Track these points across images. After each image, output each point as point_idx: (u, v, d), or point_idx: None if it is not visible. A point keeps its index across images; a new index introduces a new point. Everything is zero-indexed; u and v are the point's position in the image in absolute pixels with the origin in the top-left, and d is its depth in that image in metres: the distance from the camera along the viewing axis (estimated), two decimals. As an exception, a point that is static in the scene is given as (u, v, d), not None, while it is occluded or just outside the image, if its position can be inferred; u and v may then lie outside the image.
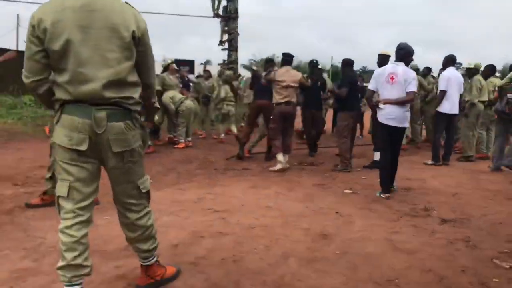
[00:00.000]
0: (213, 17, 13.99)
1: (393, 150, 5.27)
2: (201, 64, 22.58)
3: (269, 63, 8.43)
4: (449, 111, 7.37)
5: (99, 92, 2.07)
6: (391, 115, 5.09)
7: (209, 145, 9.69)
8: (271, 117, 7.00)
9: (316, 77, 7.51)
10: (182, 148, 8.84)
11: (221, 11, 13.66)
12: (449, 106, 7.37)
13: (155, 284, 2.55)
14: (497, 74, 9.66)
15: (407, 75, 5.07)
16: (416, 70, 9.21)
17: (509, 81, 6.74)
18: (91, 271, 2.26)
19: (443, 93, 7.26)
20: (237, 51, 13.75)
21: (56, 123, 2.16)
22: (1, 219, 3.92)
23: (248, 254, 3.16)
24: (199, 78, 11.67)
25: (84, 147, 2.09)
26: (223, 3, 13.77)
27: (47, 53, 2.06)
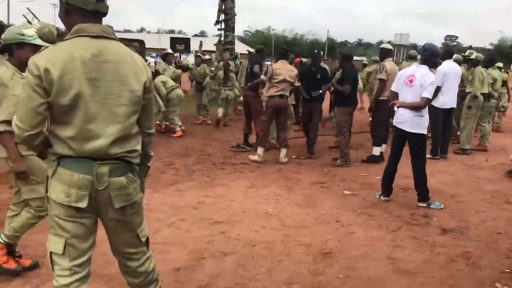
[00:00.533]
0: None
1: (398, 154, 5.13)
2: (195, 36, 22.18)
3: (260, 53, 8.30)
4: (445, 105, 7.33)
5: (105, 149, 1.96)
6: (400, 118, 4.98)
7: (206, 132, 9.60)
8: (259, 109, 7.30)
9: (316, 68, 7.37)
10: (179, 136, 8.76)
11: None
12: (446, 100, 7.32)
13: None
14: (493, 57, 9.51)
15: (424, 80, 4.82)
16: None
17: None
18: None
19: (438, 88, 7.16)
20: (234, 32, 13.49)
21: (51, 176, 2.01)
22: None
23: (251, 281, 3.15)
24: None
25: (83, 204, 1.96)
26: None
27: (50, 104, 1.90)
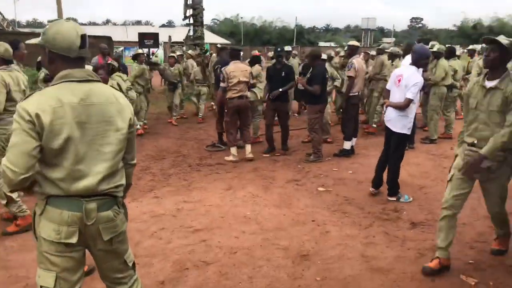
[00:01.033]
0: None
1: (387, 151, 5.34)
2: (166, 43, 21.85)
3: (223, 50, 8.33)
4: None
5: (94, 187, 2.05)
6: (388, 117, 5.22)
7: (180, 132, 9.65)
8: (225, 110, 7.46)
9: (280, 65, 7.46)
10: (140, 134, 8.85)
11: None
12: None
13: None
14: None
15: (409, 81, 4.95)
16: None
17: None
18: None
19: None
20: (203, 26, 13.42)
21: (39, 214, 2.08)
22: (-20, 253, 3.89)
23: (233, 289, 3.30)
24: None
25: (74, 240, 2.05)
26: None
27: (42, 147, 1.97)
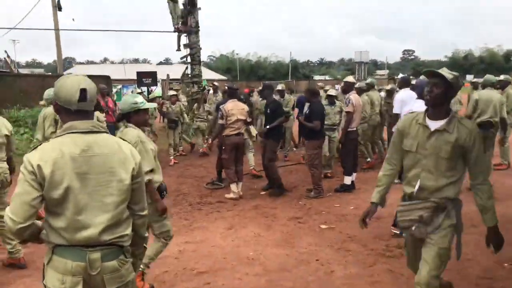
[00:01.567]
0: (174, 31, 13.84)
1: None
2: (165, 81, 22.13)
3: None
4: None
5: (96, 238, 2.06)
6: None
7: (180, 169, 9.67)
8: (223, 147, 7.50)
9: (268, 101, 7.59)
10: None
11: (179, 24, 13.49)
12: None
13: None
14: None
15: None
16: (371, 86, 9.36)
17: None
18: None
19: (397, 116, 7.43)
20: (200, 65, 13.69)
21: (46, 263, 2.11)
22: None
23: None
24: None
25: None
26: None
27: (43, 197, 2.02)
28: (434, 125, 2.82)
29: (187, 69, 14.67)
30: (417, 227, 2.86)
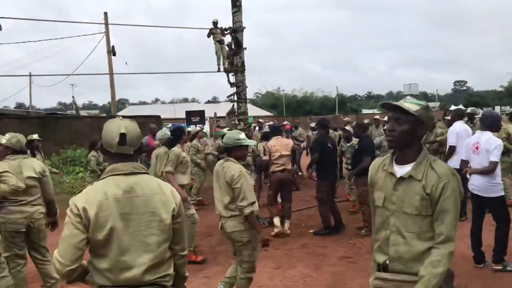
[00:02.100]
0: (218, 71, 14.21)
1: (480, 220, 5.21)
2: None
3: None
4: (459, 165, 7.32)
5: (139, 278, 2.07)
6: (474, 185, 5.10)
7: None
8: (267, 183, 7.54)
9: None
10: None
11: (226, 64, 13.85)
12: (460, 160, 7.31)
13: None
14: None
15: (489, 144, 4.94)
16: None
17: None
18: None
19: (453, 148, 7.18)
20: (246, 103, 13.86)
21: None
22: None
23: None
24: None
25: None
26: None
27: (88, 239, 2.06)
28: (400, 172, 2.22)
29: (233, 107, 14.92)
30: None
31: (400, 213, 2.19)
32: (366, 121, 9.61)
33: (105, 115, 36.98)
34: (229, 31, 13.27)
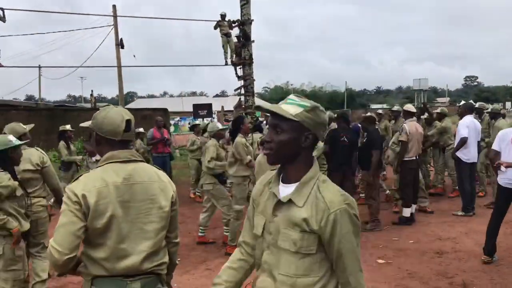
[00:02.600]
0: (225, 64, 14.18)
1: (504, 212, 5.10)
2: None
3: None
4: (470, 159, 7.28)
5: (138, 266, 2.04)
6: (508, 178, 4.92)
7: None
8: None
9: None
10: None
11: (234, 57, 13.80)
12: (471, 154, 7.29)
13: None
14: None
15: None
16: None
17: None
18: None
19: (465, 140, 7.13)
20: (254, 96, 13.80)
21: None
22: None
23: None
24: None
25: None
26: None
27: (86, 228, 2.00)
28: (283, 192, 1.70)
29: (240, 100, 14.88)
30: None
31: (274, 247, 1.69)
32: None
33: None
34: (237, 23, 13.22)
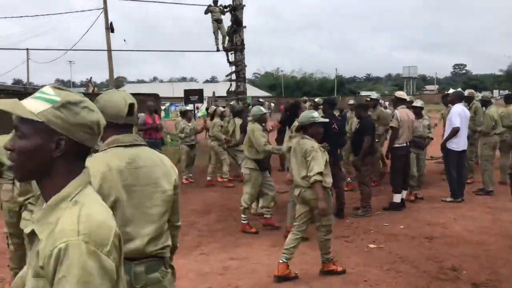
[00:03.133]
0: (217, 50, 14.09)
1: None
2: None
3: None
4: (460, 147, 7.36)
5: (142, 249, 2.06)
6: None
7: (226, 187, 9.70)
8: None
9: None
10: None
11: (225, 43, 13.70)
12: (461, 142, 7.35)
13: None
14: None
15: None
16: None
17: None
18: None
19: (457, 130, 7.19)
20: (245, 82, 13.79)
21: None
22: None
23: None
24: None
25: None
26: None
27: None
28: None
29: (231, 86, 14.84)
30: None
31: None
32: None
33: (101, 92, 36.87)
34: (228, 8, 13.12)
